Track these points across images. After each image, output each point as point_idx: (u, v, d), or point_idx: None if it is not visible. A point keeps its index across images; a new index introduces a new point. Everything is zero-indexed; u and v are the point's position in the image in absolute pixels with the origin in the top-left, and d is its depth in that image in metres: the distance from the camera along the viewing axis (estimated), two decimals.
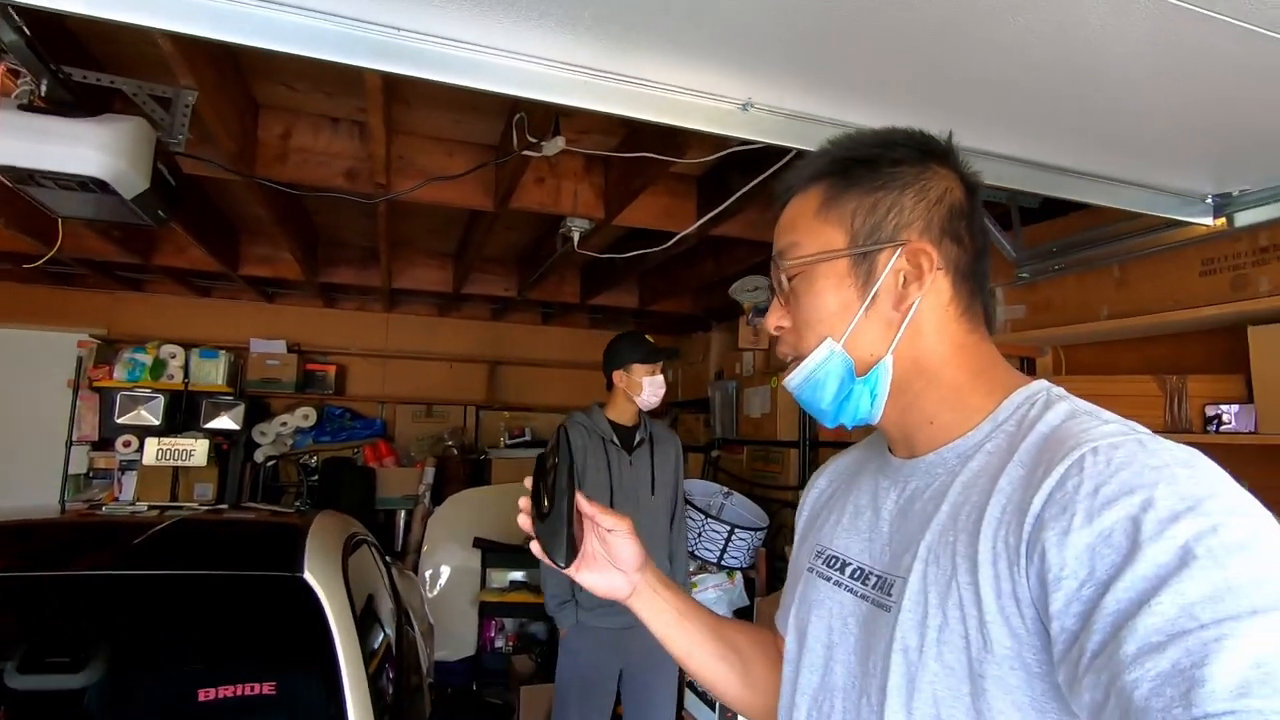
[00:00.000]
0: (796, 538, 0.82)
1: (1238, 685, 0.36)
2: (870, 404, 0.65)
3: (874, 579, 0.64)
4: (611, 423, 2.45)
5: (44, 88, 1.38)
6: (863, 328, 0.64)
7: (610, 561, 0.80)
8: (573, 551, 0.75)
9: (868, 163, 0.66)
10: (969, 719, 0.52)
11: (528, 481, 0.82)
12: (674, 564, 2.49)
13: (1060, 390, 0.61)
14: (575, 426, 2.45)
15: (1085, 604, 0.45)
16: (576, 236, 2.85)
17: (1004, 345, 2.57)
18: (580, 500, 0.78)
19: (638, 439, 2.47)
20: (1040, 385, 0.62)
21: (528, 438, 5.13)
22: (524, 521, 0.79)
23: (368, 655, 1.63)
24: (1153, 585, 0.42)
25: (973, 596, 0.52)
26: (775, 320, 0.70)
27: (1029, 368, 2.66)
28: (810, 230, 0.67)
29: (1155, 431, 1.94)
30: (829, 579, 0.69)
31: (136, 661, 1.54)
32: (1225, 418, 1.83)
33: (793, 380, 0.68)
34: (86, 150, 1.33)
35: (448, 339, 5.30)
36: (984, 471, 0.58)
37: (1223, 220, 1.70)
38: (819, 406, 0.67)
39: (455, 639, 3.87)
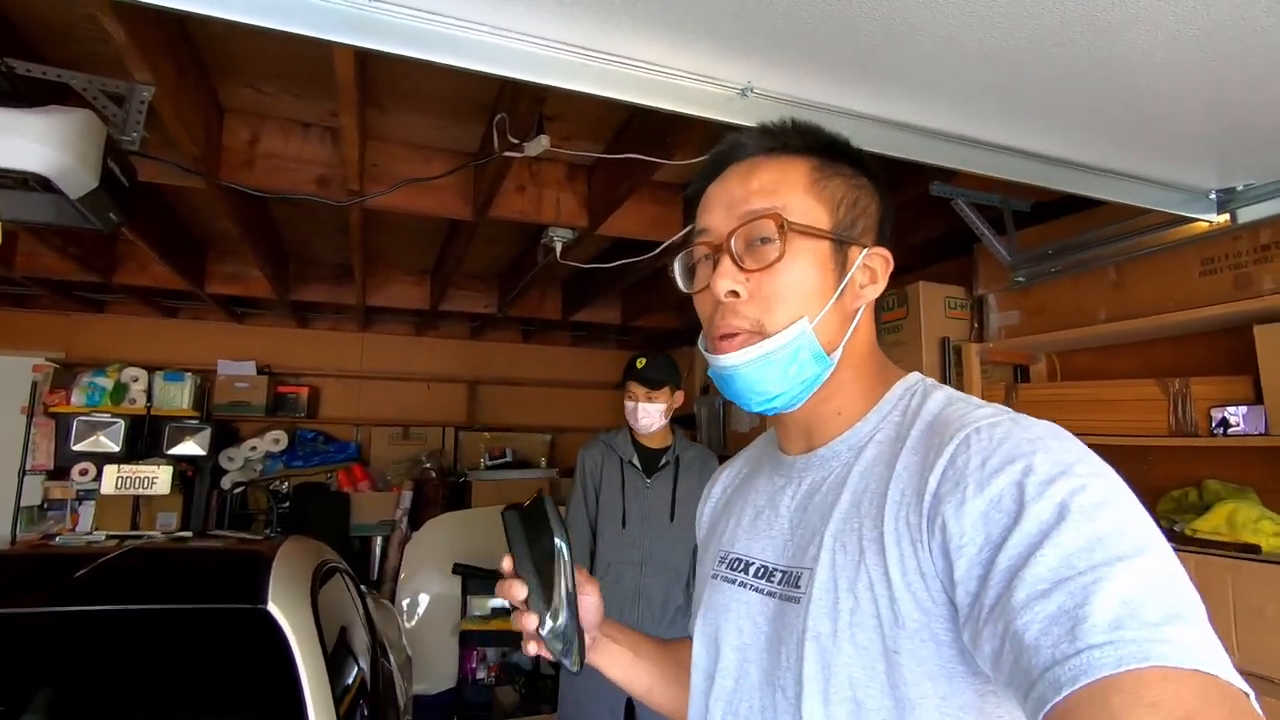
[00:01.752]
0: (700, 550, 0.83)
1: (1112, 620, 0.41)
2: (809, 390, 0.66)
3: (779, 574, 0.65)
4: (638, 444, 2.35)
5: None
6: (830, 314, 0.64)
7: None
8: (584, 652, 0.70)
9: (851, 159, 0.69)
10: (884, 694, 0.54)
11: (506, 563, 0.73)
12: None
13: (932, 380, 0.67)
14: (595, 445, 2.38)
15: (984, 566, 0.49)
16: (559, 247, 2.75)
17: (997, 352, 2.52)
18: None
19: (662, 462, 2.33)
20: (915, 377, 0.67)
21: (509, 459, 4.99)
22: (529, 622, 0.70)
23: (339, 692, 1.50)
24: (1037, 540, 0.46)
25: (881, 576, 0.55)
26: (731, 283, 0.63)
27: (1023, 375, 2.62)
28: (800, 201, 0.64)
29: (1161, 436, 1.85)
30: (733, 581, 0.70)
31: (82, 706, 1.39)
32: (1233, 420, 1.78)
33: (743, 355, 0.63)
34: (24, 142, 1.22)
35: (425, 358, 5.16)
36: (879, 459, 0.61)
37: (1226, 217, 1.67)
38: (759, 388, 0.64)
39: (435, 671, 3.69)
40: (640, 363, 2.27)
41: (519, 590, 0.71)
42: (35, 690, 1.35)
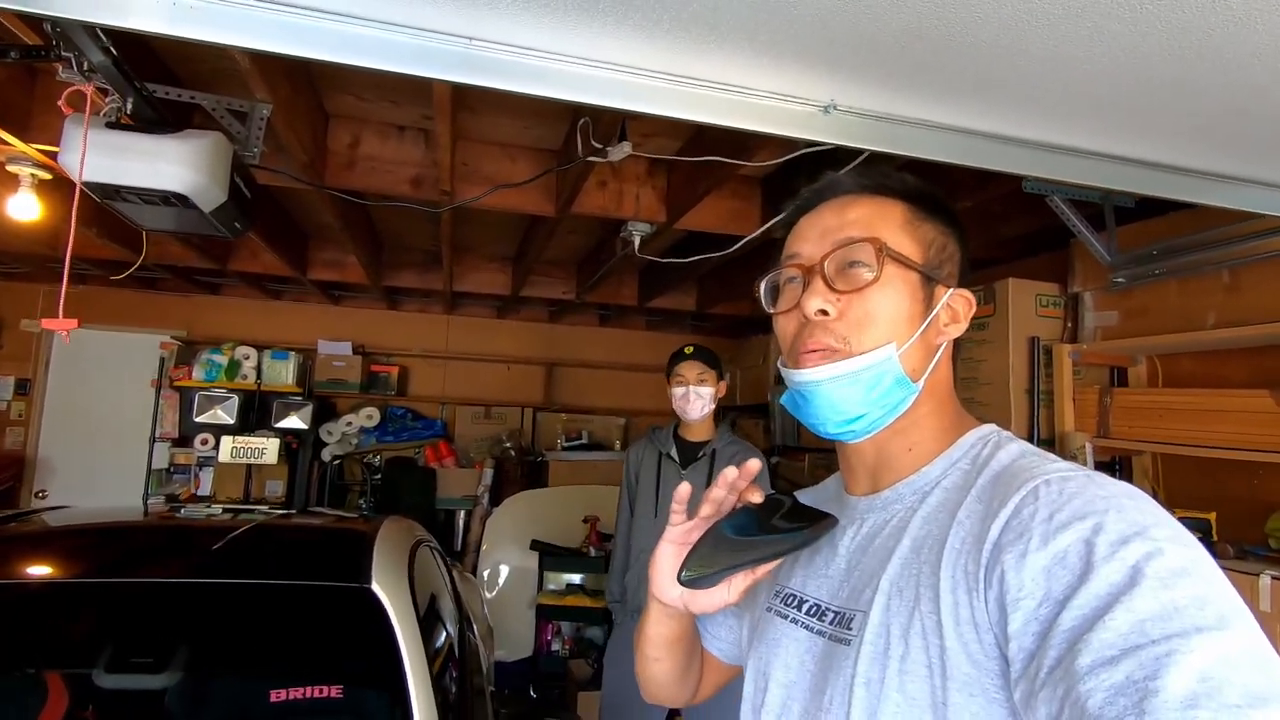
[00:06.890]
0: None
1: (1187, 697, 0.38)
2: (890, 415, 0.66)
3: (831, 614, 0.65)
4: (680, 438, 2.43)
5: (129, 105, 1.42)
6: (915, 345, 0.65)
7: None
8: (702, 579, 0.66)
9: (942, 209, 0.71)
10: None
11: (756, 497, 0.72)
12: None
13: (1009, 434, 0.66)
14: (640, 440, 2.52)
15: (1043, 623, 0.47)
16: (637, 240, 2.80)
17: (1092, 354, 2.40)
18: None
19: (700, 454, 2.38)
20: (990, 428, 0.67)
21: (584, 440, 5.13)
22: (675, 512, 0.75)
23: (431, 660, 1.64)
24: (1106, 603, 0.44)
25: (935, 625, 0.54)
26: (822, 303, 0.65)
27: (1120, 378, 2.49)
28: (895, 235, 0.67)
29: (1273, 450, 1.74)
30: (786, 617, 0.70)
31: (213, 664, 1.57)
32: None
33: (827, 371, 0.64)
34: (168, 166, 1.36)
35: (506, 341, 5.35)
36: (943, 506, 0.60)
37: None
38: (841, 407, 0.65)
39: (512, 639, 3.89)
40: (689, 349, 2.37)
41: (678, 519, 0.74)
42: (175, 648, 1.53)
